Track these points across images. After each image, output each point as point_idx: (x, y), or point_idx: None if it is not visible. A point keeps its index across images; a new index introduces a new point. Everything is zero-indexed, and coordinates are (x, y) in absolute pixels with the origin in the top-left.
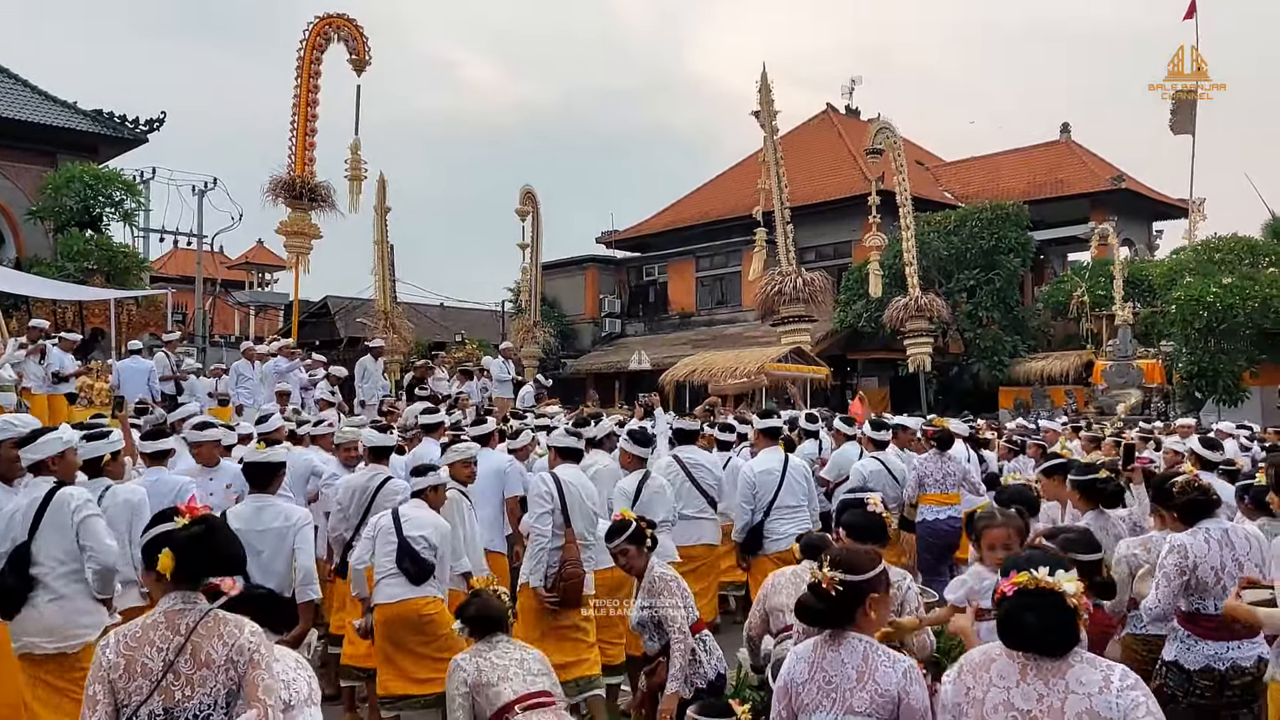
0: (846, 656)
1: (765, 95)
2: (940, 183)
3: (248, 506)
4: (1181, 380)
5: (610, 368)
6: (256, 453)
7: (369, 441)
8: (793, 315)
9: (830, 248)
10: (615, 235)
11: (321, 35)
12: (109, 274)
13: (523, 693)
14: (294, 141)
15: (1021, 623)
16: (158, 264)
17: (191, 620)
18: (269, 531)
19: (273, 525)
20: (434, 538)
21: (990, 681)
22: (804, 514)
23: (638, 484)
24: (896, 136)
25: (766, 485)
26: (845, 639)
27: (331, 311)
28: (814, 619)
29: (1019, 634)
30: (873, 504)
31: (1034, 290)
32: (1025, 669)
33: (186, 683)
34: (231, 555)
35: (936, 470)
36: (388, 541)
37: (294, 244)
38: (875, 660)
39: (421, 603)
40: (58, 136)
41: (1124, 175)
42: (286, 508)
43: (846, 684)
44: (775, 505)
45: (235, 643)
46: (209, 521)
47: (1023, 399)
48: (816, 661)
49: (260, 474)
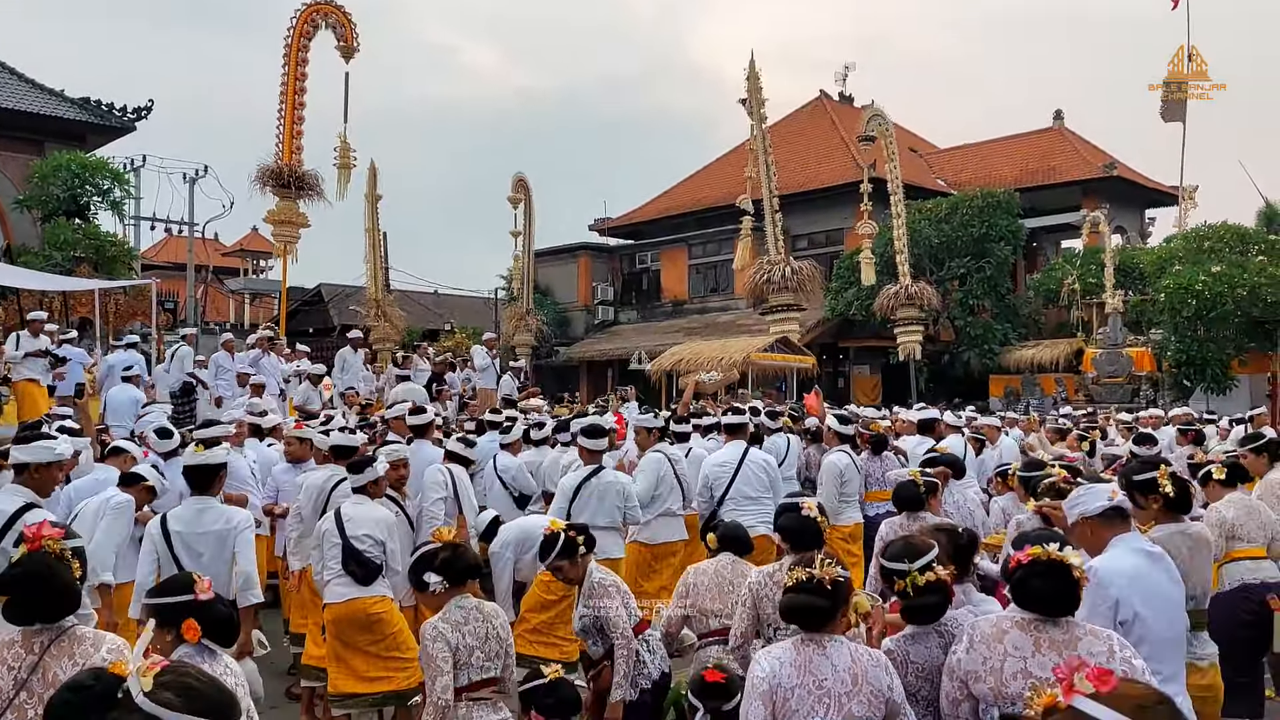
0: (835, 659)
1: (753, 83)
2: (934, 170)
3: (188, 509)
4: (1170, 368)
5: (603, 356)
6: (195, 455)
7: (329, 442)
8: (781, 304)
9: (823, 235)
10: (608, 222)
11: (309, 22)
12: (96, 263)
13: (474, 680)
14: (282, 130)
15: (1032, 587)
16: (152, 252)
17: (46, 640)
18: (209, 534)
19: (213, 528)
20: (379, 533)
21: (1006, 652)
22: (763, 506)
23: (580, 481)
24: (888, 123)
25: (720, 477)
26: (829, 641)
27: (325, 299)
28: (816, 619)
29: (1032, 597)
30: (807, 508)
31: (1026, 278)
32: (1039, 641)
33: (40, 702)
34: (59, 590)
35: (877, 469)
36: (332, 544)
37: (281, 233)
38: (863, 662)
39: (369, 602)
40: (45, 125)
41: (1116, 162)
42: (227, 511)
43: (841, 688)
44: (728, 496)
45: (87, 662)
46: (33, 559)
47: (1013, 387)
48: (804, 665)
49: (199, 477)
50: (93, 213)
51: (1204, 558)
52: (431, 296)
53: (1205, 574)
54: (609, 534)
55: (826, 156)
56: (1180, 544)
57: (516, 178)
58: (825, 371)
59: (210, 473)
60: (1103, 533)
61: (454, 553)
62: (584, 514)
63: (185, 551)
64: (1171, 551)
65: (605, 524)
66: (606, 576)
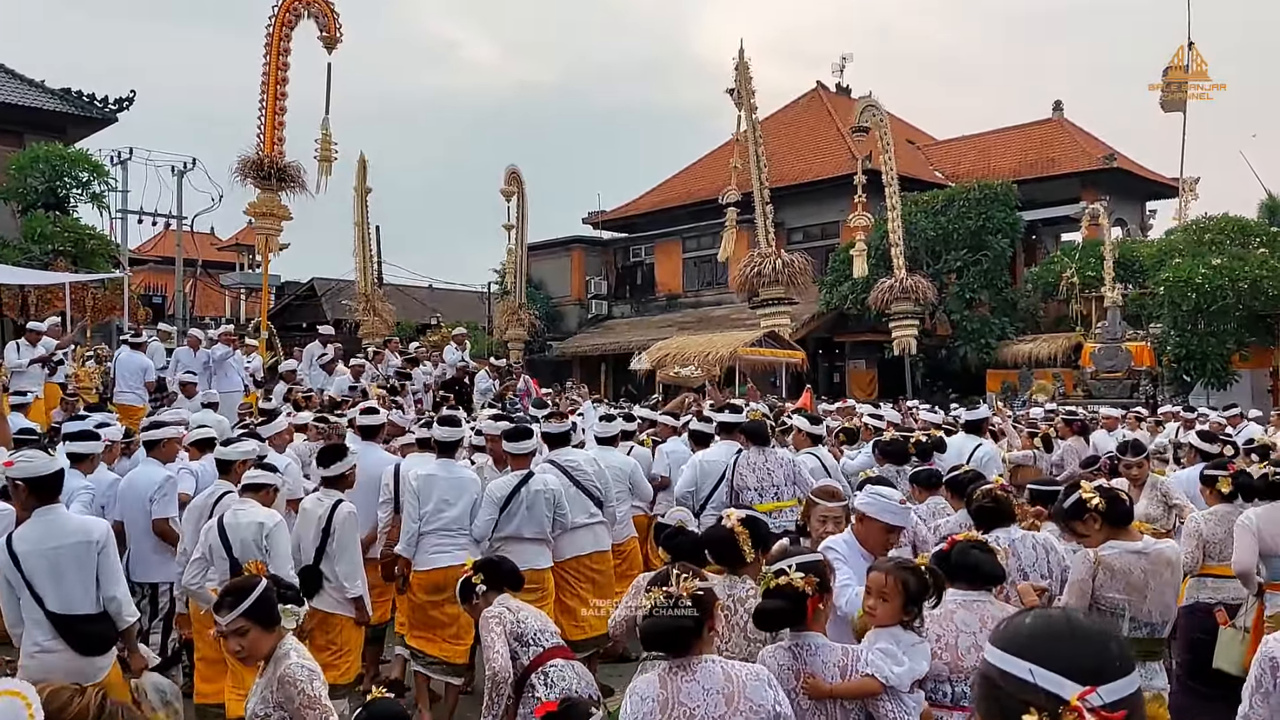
0: (705, 681)
1: (743, 72)
2: (932, 162)
3: (34, 525)
4: (1170, 363)
5: (596, 350)
6: (21, 463)
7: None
8: (772, 297)
9: (818, 228)
10: (602, 216)
11: (290, 11)
12: (76, 256)
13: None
14: (263, 121)
15: (971, 558)
16: (147, 247)
17: None
18: (62, 549)
19: (65, 542)
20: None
21: (957, 629)
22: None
23: (513, 488)
24: (883, 114)
25: (710, 475)
26: (698, 663)
27: (319, 294)
28: (681, 641)
29: (969, 568)
30: (728, 519)
31: (1024, 271)
32: (984, 618)
33: None
34: None
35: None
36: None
37: (263, 226)
38: (739, 678)
39: None
40: (24, 116)
41: (1116, 154)
42: (83, 521)
43: (714, 712)
44: (711, 500)
45: None
46: None
47: (1010, 382)
48: (669, 699)
49: (39, 487)
50: (72, 205)
51: (1164, 581)
52: (426, 291)
53: (1165, 599)
54: (534, 545)
55: (822, 149)
56: (1133, 564)
57: (509, 170)
58: (821, 366)
59: (49, 483)
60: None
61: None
62: (511, 524)
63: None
64: (1122, 571)
65: (533, 535)
66: (490, 612)
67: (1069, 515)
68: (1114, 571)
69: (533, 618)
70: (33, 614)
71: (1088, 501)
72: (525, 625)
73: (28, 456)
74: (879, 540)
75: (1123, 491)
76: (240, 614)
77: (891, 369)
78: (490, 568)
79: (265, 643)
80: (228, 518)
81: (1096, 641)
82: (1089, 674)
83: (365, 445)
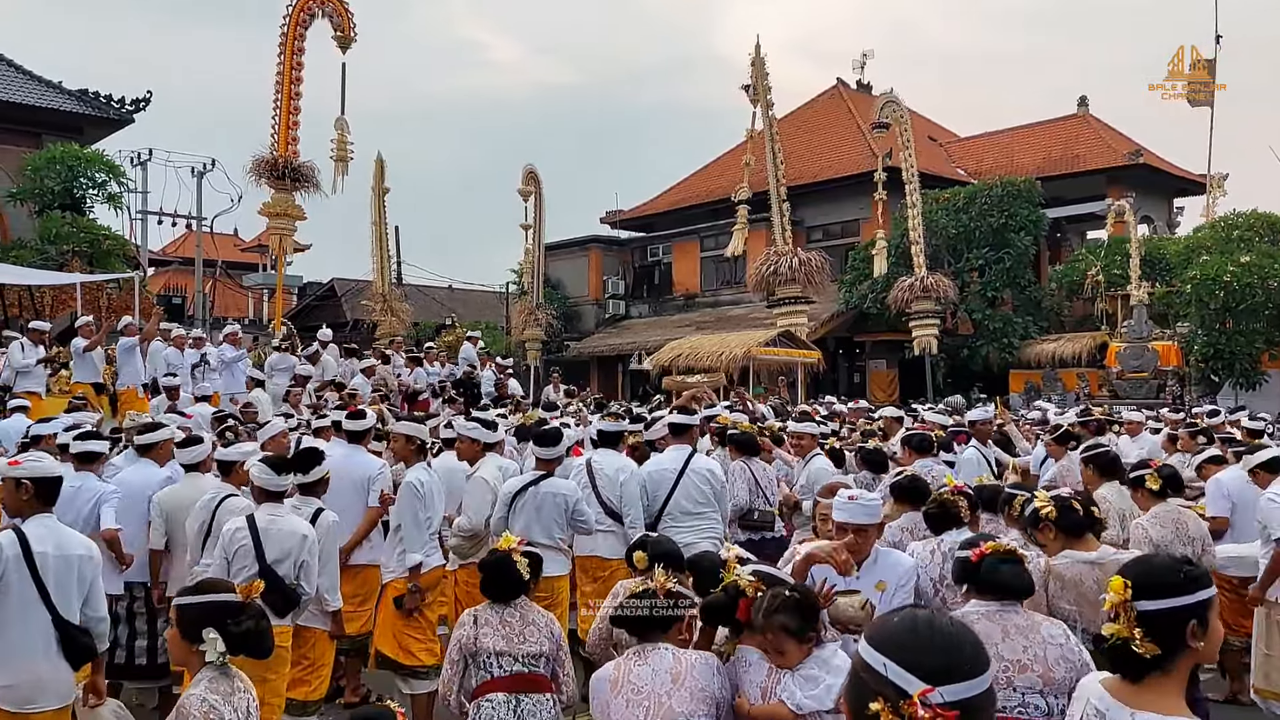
0: (656, 664)
1: (759, 69)
2: (954, 159)
3: (39, 529)
4: (1198, 363)
5: (613, 351)
6: (30, 463)
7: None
8: (788, 296)
9: (838, 226)
10: (620, 215)
11: (305, 11)
12: (91, 257)
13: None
14: (277, 121)
15: (1001, 574)
16: (171, 248)
17: None
18: (70, 560)
19: (72, 553)
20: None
21: None
22: (707, 521)
23: (520, 487)
24: (903, 110)
25: (659, 485)
26: (651, 650)
27: (338, 294)
28: (645, 626)
29: (999, 583)
30: (736, 576)
31: (1048, 269)
32: (1005, 630)
33: None
34: None
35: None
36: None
37: (277, 225)
38: (688, 661)
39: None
40: (42, 117)
41: (1143, 150)
42: (78, 535)
43: (660, 688)
44: (665, 511)
45: None
46: None
47: (1033, 382)
48: (620, 678)
49: (45, 490)
50: (88, 206)
51: None
52: (445, 291)
53: None
54: (544, 550)
55: (842, 146)
56: (1085, 575)
57: (526, 170)
58: (841, 366)
59: (56, 486)
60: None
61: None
62: (519, 524)
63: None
64: (1073, 582)
65: (543, 539)
66: None
67: (1029, 523)
68: (1064, 581)
69: (494, 635)
70: (33, 621)
71: (1040, 510)
72: (481, 644)
73: (36, 456)
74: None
75: (1076, 499)
76: (176, 605)
77: (912, 369)
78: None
79: (184, 655)
80: (261, 522)
81: (950, 643)
82: (936, 673)
83: (351, 448)
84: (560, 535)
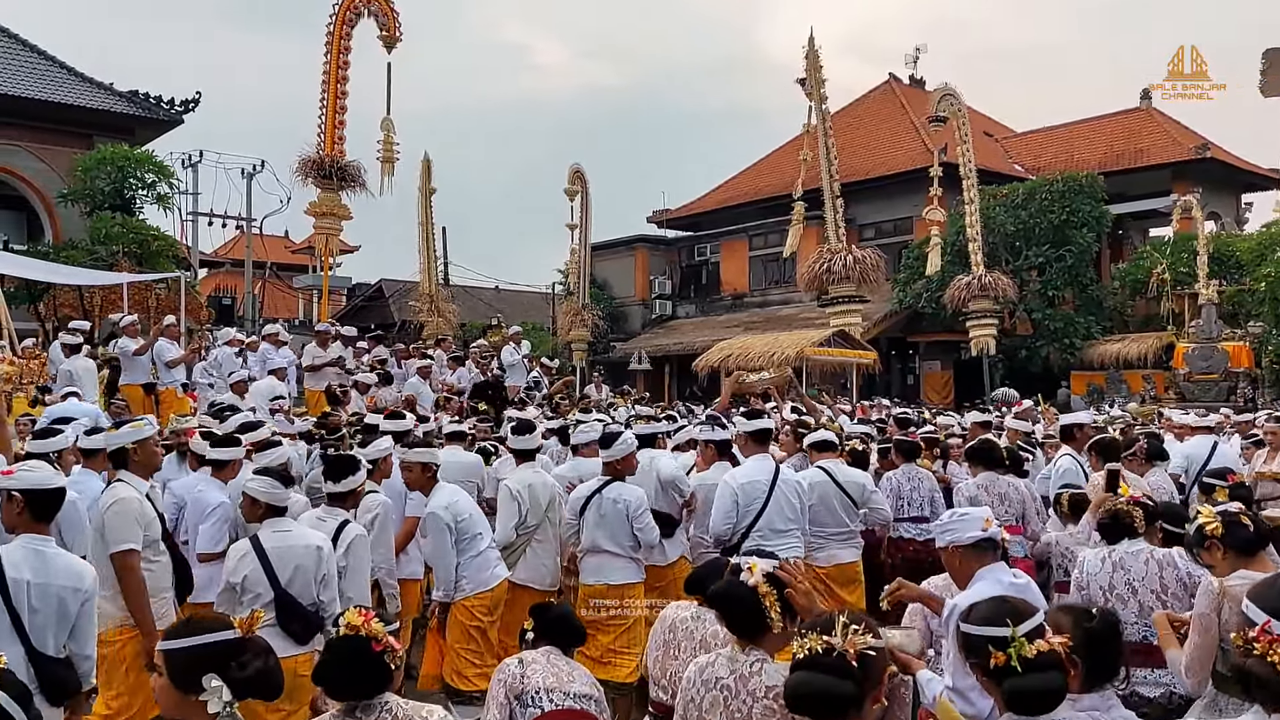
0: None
1: (813, 61)
2: (1011, 155)
3: (24, 552)
4: (1271, 364)
5: (660, 351)
6: (23, 473)
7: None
8: (842, 295)
9: (891, 224)
10: (667, 214)
11: (351, 10)
12: (141, 257)
13: None
14: (324, 120)
15: None
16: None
17: None
18: (50, 589)
19: (54, 582)
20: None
21: None
22: (794, 539)
23: (588, 495)
24: (960, 104)
25: (751, 499)
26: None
27: (386, 295)
28: (837, 709)
29: None
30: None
31: (1111, 267)
32: None
33: None
34: None
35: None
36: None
37: (324, 225)
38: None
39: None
40: (93, 118)
41: (1209, 144)
42: (70, 562)
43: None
44: (756, 527)
45: None
46: None
47: (1096, 384)
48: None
49: (38, 504)
50: (138, 207)
51: None
52: (492, 292)
53: None
54: (614, 559)
55: (895, 142)
56: None
57: (573, 169)
58: (894, 367)
59: (52, 500)
60: (971, 564)
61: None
62: (587, 534)
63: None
64: None
65: (611, 548)
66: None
67: (1193, 543)
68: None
69: (542, 673)
70: (5, 655)
71: (1206, 526)
72: (528, 682)
73: (30, 466)
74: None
75: (1247, 514)
76: (163, 651)
77: (968, 371)
78: (539, 614)
79: (179, 707)
80: (268, 541)
81: None
82: None
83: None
84: (628, 543)
